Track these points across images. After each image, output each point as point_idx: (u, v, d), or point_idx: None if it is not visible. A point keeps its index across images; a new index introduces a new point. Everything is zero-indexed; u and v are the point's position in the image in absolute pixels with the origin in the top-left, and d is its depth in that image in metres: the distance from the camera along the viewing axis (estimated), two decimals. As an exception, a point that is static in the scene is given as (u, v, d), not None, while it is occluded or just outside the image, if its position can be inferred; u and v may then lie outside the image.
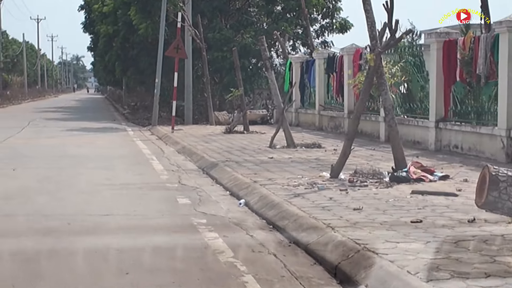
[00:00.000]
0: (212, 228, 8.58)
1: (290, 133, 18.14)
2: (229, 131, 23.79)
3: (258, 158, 15.32)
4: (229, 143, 19.78)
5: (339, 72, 23.44)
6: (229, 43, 34.33)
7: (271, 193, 10.23)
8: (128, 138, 24.21)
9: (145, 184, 12.31)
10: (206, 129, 26.29)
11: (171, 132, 24.46)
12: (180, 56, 25.63)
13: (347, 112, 22.58)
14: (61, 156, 17.03)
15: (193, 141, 20.64)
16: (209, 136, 22.45)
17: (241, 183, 11.67)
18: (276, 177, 11.93)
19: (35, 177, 13.09)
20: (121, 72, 40.56)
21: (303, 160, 14.80)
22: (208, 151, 17.14)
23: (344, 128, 22.84)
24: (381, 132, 19.88)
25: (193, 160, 16.26)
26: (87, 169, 14.48)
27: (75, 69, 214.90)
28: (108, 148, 19.74)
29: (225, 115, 30.58)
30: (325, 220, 8.07)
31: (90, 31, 57.45)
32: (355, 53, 22.17)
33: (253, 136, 22.40)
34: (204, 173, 14.13)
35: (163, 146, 20.73)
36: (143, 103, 45.68)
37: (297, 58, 28.60)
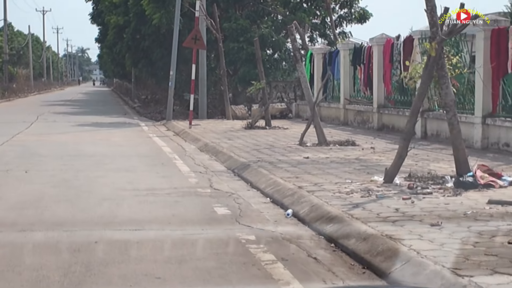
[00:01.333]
0: (265, 248, 7.27)
1: (322, 130, 16.83)
2: (250, 126, 22.49)
3: (292, 158, 14.02)
4: (254, 140, 18.48)
5: (367, 64, 22.10)
6: (245, 34, 33.03)
7: (323, 203, 8.92)
8: (144, 134, 22.91)
9: (173, 190, 11.01)
10: (224, 124, 24.98)
11: (189, 127, 23.16)
12: (198, 47, 24.29)
13: (376, 106, 21.25)
14: (77, 156, 15.74)
15: (214, 137, 19.34)
16: (230, 132, 21.14)
17: (283, 188, 10.35)
18: (321, 182, 10.62)
19: (50, 181, 11.80)
20: (132, 64, 39.20)
21: (342, 160, 13.48)
22: (234, 150, 15.84)
23: (373, 123, 21.52)
24: (417, 128, 18.50)
25: (219, 160, 14.96)
26: (106, 171, 13.18)
27: (80, 62, 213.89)
28: (125, 146, 18.44)
29: (243, 109, 29.27)
30: (403, 241, 6.75)
31: (98, 22, 56.14)
32: (385, 43, 20.82)
33: (277, 132, 21.09)
34: (236, 175, 12.82)
35: (182, 143, 19.43)
36: (154, 96, 44.38)
37: (319, 49, 27.25)
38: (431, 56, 10.09)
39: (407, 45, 19.36)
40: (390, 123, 20.63)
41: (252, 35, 33.41)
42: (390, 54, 20.46)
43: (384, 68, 20.86)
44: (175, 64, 28.07)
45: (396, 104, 20.54)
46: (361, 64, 22.66)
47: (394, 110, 20.27)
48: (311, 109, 16.83)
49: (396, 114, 20.05)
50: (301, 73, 16.89)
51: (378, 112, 21.21)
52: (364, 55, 22.35)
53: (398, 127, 20.00)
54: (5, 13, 67.87)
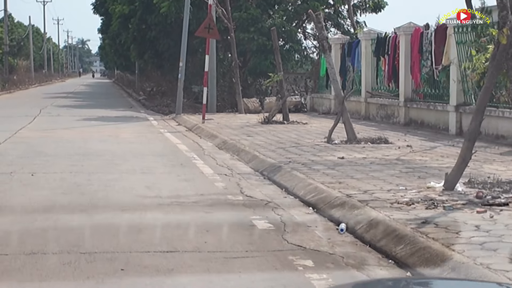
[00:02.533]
0: (329, 280, 5.95)
1: (351, 126, 15.51)
2: (267, 121, 21.15)
3: (326, 158, 12.69)
4: (276, 136, 17.16)
5: (392, 55, 20.75)
6: (256, 23, 31.68)
7: (384, 216, 7.60)
8: (154, 129, 21.57)
9: (200, 197, 9.68)
10: (238, 119, 23.64)
11: (202, 122, 21.81)
12: (212, 37, 22.90)
13: (403, 100, 19.90)
14: (86, 154, 14.41)
15: (231, 133, 18.01)
16: (247, 128, 19.81)
17: (328, 197, 9.02)
18: (370, 188, 9.30)
19: (60, 186, 10.46)
20: (137, 56, 37.79)
21: (382, 161, 12.15)
22: (257, 148, 14.52)
23: (399, 117, 20.18)
24: (451, 124, 17.18)
25: (243, 160, 13.64)
26: (121, 173, 11.84)
27: (80, 53, 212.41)
28: (137, 143, 17.10)
29: (255, 102, 27.94)
30: (508, 273, 5.43)
31: (101, 12, 54.74)
32: (414, 33, 19.47)
33: (297, 128, 19.76)
34: (266, 178, 11.49)
35: (198, 140, 18.10)
36: (159, 89, 42.97)
37: (336, 40, 25.87)
38: (500, 45, 8.73)
39: (439, 35, 18.01)
40: (418, 118, 19.28)
41: (263, 25, 32.10)
42: (419, 44, 19.11)
43: (412, 59, 19.51)
44: (185, 55, 26.70)
45: (425, 98, 19.20)
46: (385, 55, 21.31)
47: (423, 104, 18.92)
48: (339, 104, 15.49)
49: (426, 108, 18.71)
50: (329, 64, 15.54)
51: (405, 106, 19.86)
52: (389, 45, 20.99)
53: (428, 122, 18.66)
54: (5, 4, 66.48)
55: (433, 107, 18.29)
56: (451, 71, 17.14)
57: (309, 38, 36.43)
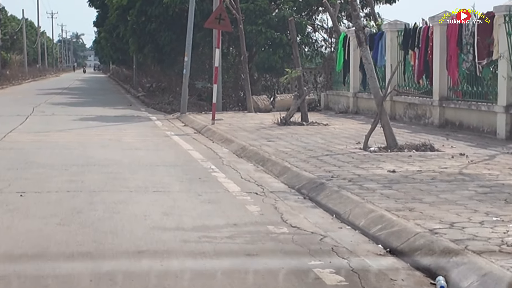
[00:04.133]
0: None
1: (391, 131, 13.44)
2: (284, 122, 19.08)
3: (372, 171, 10.61)
4: (300, 141, 15.10)
5: (424, 48, 18.67)
6: (264, 15, 29.62)
7: (499, 269, 5.54)
8: (159, 131, 19.48)
9: (234, 229, 7.61)
10: (250, 119, 21.56)
11: (212, 123, 19.71)
12: (223, 28, 20.75)
13: (438, 99, 17.82)
14: (86, 165, 12.32)
15: (247, 137, 15.96)
16: (263, 130, 17.74)
17: (404, 232, 6.94)
18: (456, 220, 7.22)
19: (56, 213, 8.36)
20: (137, 49, 35.63)
21: (444, 176, 10.08)
22: (285, 157, 12.46)
23: (433, 118, 18.12)
24: (500, 127, 15.11)
25: (271, 173, 11.56)
26: (129, 192, 9.75)
27: (74, 47, 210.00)
28: (143, 149, 15.02)
29: (266, 100, 25.86)
30: None
31: (96, 5, 52.69)
32: (450, 23, 17.38)
33: (320, 130, 17.70)
34: (306, 198, 9.43)
35: (211, 144, 16.02)
36: (159, 85, 40.88)
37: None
38: None
39: (484, 25, 15.94)
40: (456, 119, 17.21)
41: (271, 17, 30.11)
42: (458, 36, 17.03)
43: (449, 53, 17.44)
44: (190, 49, 24.60)
45: (464, 97, 17.13)
46: (414, 48, 19.23)
47: (463, 103, 16.84)
48: (378, 105, 13.42)
49: (467, 108, 16.63)
50: (366, 59, 13.45)
51: (440, 106, 17.78)
52: (420, 38, 18.90)
53: (468, 124, 16.61)
54: (-3, -4, 64.23)
55: (476, 107, 16.22)
56: (500, 66, 15.08)
57: (318, 30, 34.40)
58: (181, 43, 29.80)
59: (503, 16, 14.85)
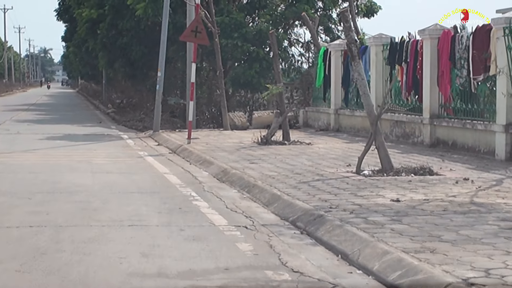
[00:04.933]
0: None
1: (387, 153, 12.37)
2: (265, 141, 17.95)
3: (373, 200, 9.51)
4: (285, 163, 13.99)
5: (413, 63, 17.67)
6: (240, 29, 28.57)
7: None
8: (132, 151, 18.26)
9: (226, 275, 6.47)
10: (228, 137, 20.42)
11: (187, 142, 18.53)
12: (200, 42, 19.59)
13: (428, 117, 16.80)
14: (53, 192, 11.10)
15: (227, 158, 14.83)
16: (243, 150, 16.60)
17: (431, 280, 5.84)
18: (490, 265, 6.14)
19: (15, 255, 7.15)
20: (107, 64, 34.38)
21: (456, 206, 9.01)
22: (273, 182, 11.33)
23: (423, 137, 17.10)
24: (499, 147, 14.10)
25: (259, 201, 10.43)
26: (101, 227, 8.55)
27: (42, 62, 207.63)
28: (115, 172, 13.82)
29: (242, 117, 24.76)
30: None
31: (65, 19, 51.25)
32: (442, 36, 16.42)
33: (304, 150, 16.60)
34: (304, 232, 8.30)
35: (188, 167, 14.86)
36: (130, 101, 39.62)
37: (337, 46, 22.77)
38: None
39: (479, 38, 14.98)
40: (449, 138, 16.19)
41: (247, 31, 29.05)
42: (450, 49, 16.06)
43: (440, 68, 16.45)
44: (164, 63, 23.44)
45: (456, 114, 16.13)
46: (402, 63, 18.23)
47: (457, 122, 15.83)
48: (372, 124, 12.34)
49: (461, 127, 15.61)
50: (359, 74, 12.36)
51: (431, 124, 16.77)
52: (408, 51, 17.91)
53: (463, 144, 15.60)
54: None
55: (471, 125, 15.22)
56: (499, 82, 14.10)
57: (294, 45, 33.42)
58: (153, 57, 28.68)
59: (502, 29, 13.88)
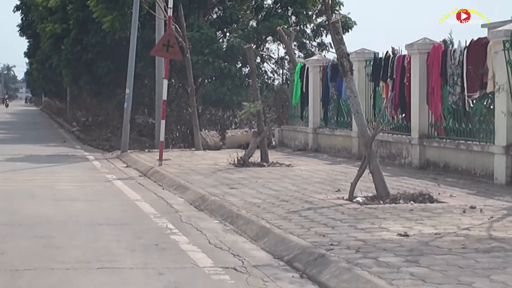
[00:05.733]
0: None
1: (382, 177, 11.25)
2: (242, 162, 16.76)
3: (377, 234, 8.35)
4: (267, 188, 12.82)
5: (399, 79, 16.62)
6: (211, 44, 27.38)
7: None
8: (99, 175, 16.94)
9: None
10: (201, 158, 19.19)
11: (159, 164, 17.26)
12: (172, 57, 18.37)
13: (417, 137, 15.73)
14: (9, 225, 9.80)
15: (204, 183, 13.62)
16: (220, 173, 15.39)
17: None
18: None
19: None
20: (72, 81, 32.99)
21: (473, 242, 7.88)
22: (257, 211, 10.14)
23: (411, 158, 16.02)
24: (498, 170, 13.03)
25: (246, 234, 9.21)
26: (65, 270, 7.28)
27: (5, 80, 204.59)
28: (82, 199, 12.52)
29: (215, 136, 23.50)
30: None
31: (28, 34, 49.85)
32: (432, 51, 15.38)
33: (285, 172, 15.44)
34: (304, 276, 7.13)
35: (161, 192, 13.60)
36: (96, 119, 38.21)
37: (315, 61, 21.68)
38: None
39: (474, 52, 13.94)
40: (441, 160, 15.12)
41: (219, 46, 27.86)
42: (441, 65, 15.02)
43: (430, 84, 15.41)
44: (132, 80, 22.18)
45: (448, 134, 15.07)
46: (387, 80, 17.17)
47: (450, 142, 14.76)
48: (366, 146, 11.21)
49: (455, 148, 14.55)
50: (351, 91, 11.22)
51: (420, 145, 15.69)
52: (394, 67, 16.85)
53: (456, 166, 14.53)
54: None
55: (466, 146, 14.15)
56: (498, 100, 13.05)
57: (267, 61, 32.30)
58: (120, 74, 27.44)
59: (501, 43, 12.84)
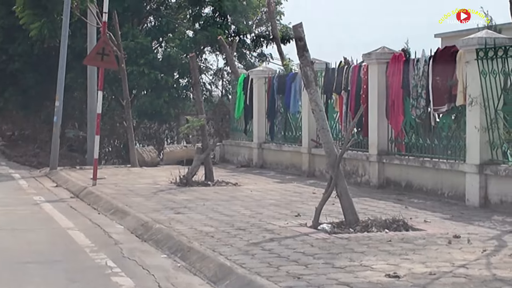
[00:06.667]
0: None
1: (351, 201, 9.94)
2: (185, 182, 15.31)
3: (363, 275, 7.00)
4: (218, 212, 11.42)
5: (354, 91, 15.41)
6: (147, 54, 25.89)
7: None
8: (26, 196, 15.25)
9: None
10: (139, 176, 17.64)
11: (93, 184, 15.66)
12: (108, 66, 16.80)
13: (376, 153, 14.51)
14: None
15: (145, 206, 12.16)
16: (162, 194, 13.92)
17: None
18: None
19: None
20: (-4, 94, 30.99)
21: (476, 284, 6.62)
22: (212, 242, 8.73)
23: (369, 176, 14.80)
24: (471, 191, 11.86)
25: (200, 272, 7.79)
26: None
27: None
28: (6, 228, 10.89)
29: (152, 152, 21.94)
30: None
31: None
32: (391, 60, 14.21)
33: (234, 193, 14.07)
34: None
35: (96, 217, 12.06)
36: (22, 133, 36.09)
37: (260, 72, 20.35)
38: None
39: (441, 62, 12.79)
40: (402, 178, 13.91)
41: (154, 57, 26.43)
42: (403, 76, 13.84)
43: (390, 96, 14.22)
44: (62, 92, 20.49)
45: (409, 151, 13.89)
46: (341, 92, 15.94)
47: (414, 159, 13.56)
48: (332, 166, 9.90)
49: (419, 166, 13.35)
50: (316, 104, 9.90)
51: (379, 162, 14.47)
52: (349, 79, 15.64)
53: (420, 185, 13.37)
54: None
55: (432, 164, 12.97)
56: (470, 114, 11.88)
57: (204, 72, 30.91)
58: (48, 85, 25.68)
59: (474, 51, 11.68)
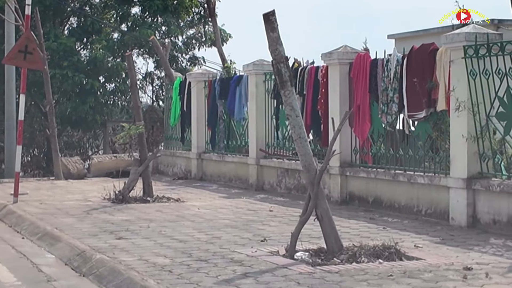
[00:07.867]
0: None
1: (333, 225, 8.32)
2: (121, 198, 13.47)
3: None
4: (167, 236, 9.69)
5: (311, 95, 13.84)
6: (71, 56, 23.93)
7: None
8: None
9: None
10: (66, 191, 15.70)
11: (14, 201, 13.66)
12: (32, 66, 14.70)
13: (338, 165, 12.93)
14: None
15: (79, 229, 10.34)
16: (96, 214, 12.08)
17: None
18: None
19: None
20: None
21: None
22: (172, 281, 7.01)
23: (328, 190, 13.14)
24: (456, 209, 10.38)
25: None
26: None
27: None
28: None
29: (78, 163, 19.93)
30: None
31: None
32: (356, 61, 12.67)
33: (180, 211, 12.32)
34: None
35: (20, 243, 10.16)
36: None
37: (200, 75, 18.58)
38: None
39: (417, 62, 11.31)
40: (370, 193, 12.37)
41: (79, 59, 24.44)
42: (369, 78, 12.31)
43: (355, 101, 12.67)
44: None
45: (377, 163, 12.37)
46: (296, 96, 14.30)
47: (384, 172, 12.03)
48: (311, 183, 8.23)
49: (390, 179, 11.81)
50: (292, 109, 8.23)
51: (342, 175, 12.91)
52: (304, 81, 14.06)
53: (392, 201, 11.86)
54: None
55: (407, 178, 11.47)
56: (456, 120, 10.41)
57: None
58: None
59: (462, 48, 10.22)
